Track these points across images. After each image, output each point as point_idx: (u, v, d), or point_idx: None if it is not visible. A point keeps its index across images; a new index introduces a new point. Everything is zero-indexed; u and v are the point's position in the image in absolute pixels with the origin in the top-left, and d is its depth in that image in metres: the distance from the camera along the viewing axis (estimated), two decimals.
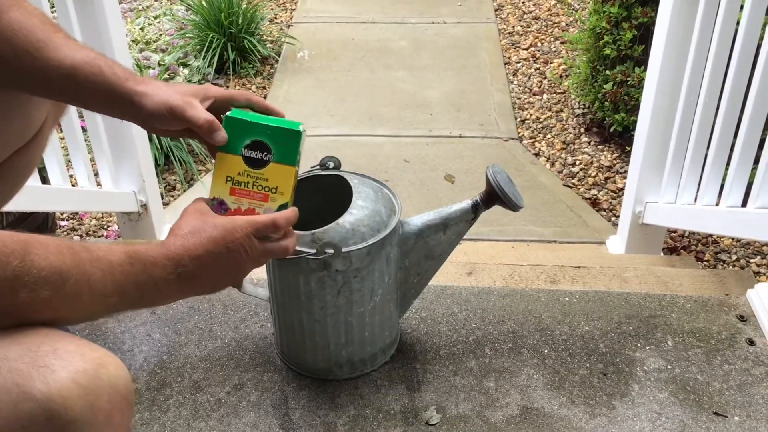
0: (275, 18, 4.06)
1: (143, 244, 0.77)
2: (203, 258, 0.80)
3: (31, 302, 0.65)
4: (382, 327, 1.25)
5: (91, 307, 0.72)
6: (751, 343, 1.35)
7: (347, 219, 1.13)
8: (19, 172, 1.05)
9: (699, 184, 1.70)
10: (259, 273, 1.52)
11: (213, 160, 0.99)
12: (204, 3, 3.48)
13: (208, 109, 0.92)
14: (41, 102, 0.99)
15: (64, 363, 0.63)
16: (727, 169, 1.58)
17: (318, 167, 1.26)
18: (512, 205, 1.16)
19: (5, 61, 0.84)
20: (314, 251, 1.09)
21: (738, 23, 1.49)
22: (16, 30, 0.83)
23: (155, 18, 3.78)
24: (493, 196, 1.16)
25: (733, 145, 1.55)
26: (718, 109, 1.58)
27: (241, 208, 0.89)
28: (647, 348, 1.33)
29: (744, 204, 1.51)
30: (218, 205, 0.88)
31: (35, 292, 0.65)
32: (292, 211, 0.89)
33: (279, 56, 3.63)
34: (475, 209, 1.19)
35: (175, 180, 2.73)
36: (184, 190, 2.67)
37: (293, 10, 4.18)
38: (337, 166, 1.26)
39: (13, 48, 0.83)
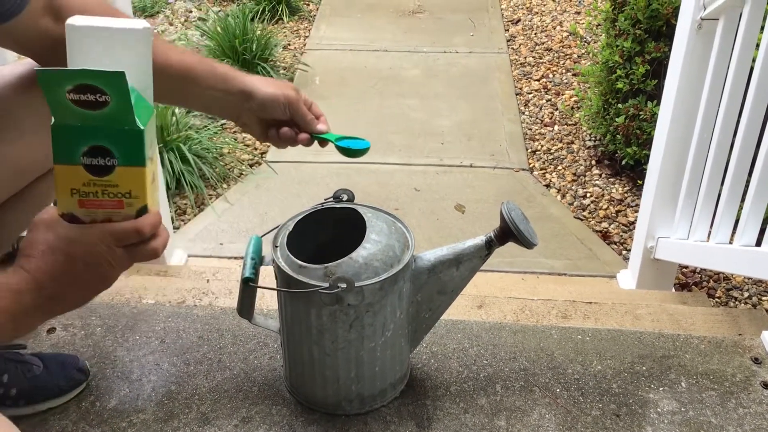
0: (289, 45, 4.10)
1: (1, 275, 0.74)
2: (62, 278, 0.76)
3: None
4: (393, 362, 1.24)
5: None
6: (766, 386, 1.33)
7: (360, 253, 1.12)
8: (40, 198, 1.06)
9: (712, 221, 1.69)
10: (270, 304, 1.52)
11: (224, 185, 1.01)
12: (219, 29, 3.52)
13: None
14: None
15: None
16: (741, 205, 1.57)
17: (332, 199, 1.26)
18: (526, 243, 1.15)
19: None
20: (327, 285, 1.08)
21: (754, 60, 1.49)
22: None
23: (171, 43, 3.82)
24: (508, 233, 1.16)
25: (747, 182, 1.54)
26: (732, 145, 1.58)
27: (96, 220, 0.80)
28: (661, 389, 1.32)
29: (759, 243, 1.50)
30: (71, 220, 0.79)
31: None
32: (154, 216, 0.82)
33: (292, 82, 3.66)
34: (489, 246, 1.18)
35: (185, 204, 2.73)
36: (195, 215, 2.68)
37: (306, 37, 4.22)
38: (351, 199, 1.26)
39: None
